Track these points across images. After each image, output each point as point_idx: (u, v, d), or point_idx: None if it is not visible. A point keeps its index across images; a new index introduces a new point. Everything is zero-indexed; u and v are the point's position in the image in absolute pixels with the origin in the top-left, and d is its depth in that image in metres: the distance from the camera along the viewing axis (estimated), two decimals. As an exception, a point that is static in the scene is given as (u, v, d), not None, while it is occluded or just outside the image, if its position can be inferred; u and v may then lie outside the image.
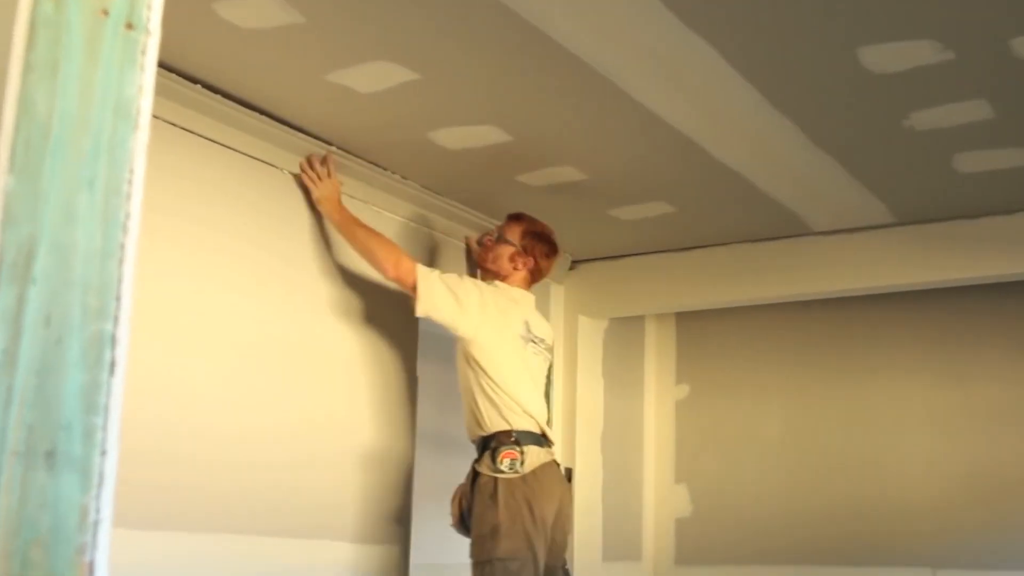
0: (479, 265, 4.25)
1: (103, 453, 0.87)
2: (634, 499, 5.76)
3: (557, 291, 5.44)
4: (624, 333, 5.76)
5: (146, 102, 0.96)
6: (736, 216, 4.72)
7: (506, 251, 4.05)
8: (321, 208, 3.90)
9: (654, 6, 3.01)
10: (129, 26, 0.97)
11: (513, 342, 3.87)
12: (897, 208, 4.57)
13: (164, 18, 1.02)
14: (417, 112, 3.69)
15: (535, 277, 4.11)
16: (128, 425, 0.98)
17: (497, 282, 4.02)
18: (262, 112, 3.71)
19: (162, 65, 3.27)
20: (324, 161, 3.91)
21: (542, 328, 4.05)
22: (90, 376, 0.87)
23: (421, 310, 3.77)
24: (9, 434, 0.81)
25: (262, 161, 3.80)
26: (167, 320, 3.43)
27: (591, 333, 5.50)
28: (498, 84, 3.47)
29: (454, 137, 3.89)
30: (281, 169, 3.87)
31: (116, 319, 0.90)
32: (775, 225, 4.81)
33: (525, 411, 3.77)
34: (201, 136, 3.59)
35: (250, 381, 3.70)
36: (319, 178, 3.89)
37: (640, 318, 5.89)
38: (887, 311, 5.42)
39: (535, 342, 3.96)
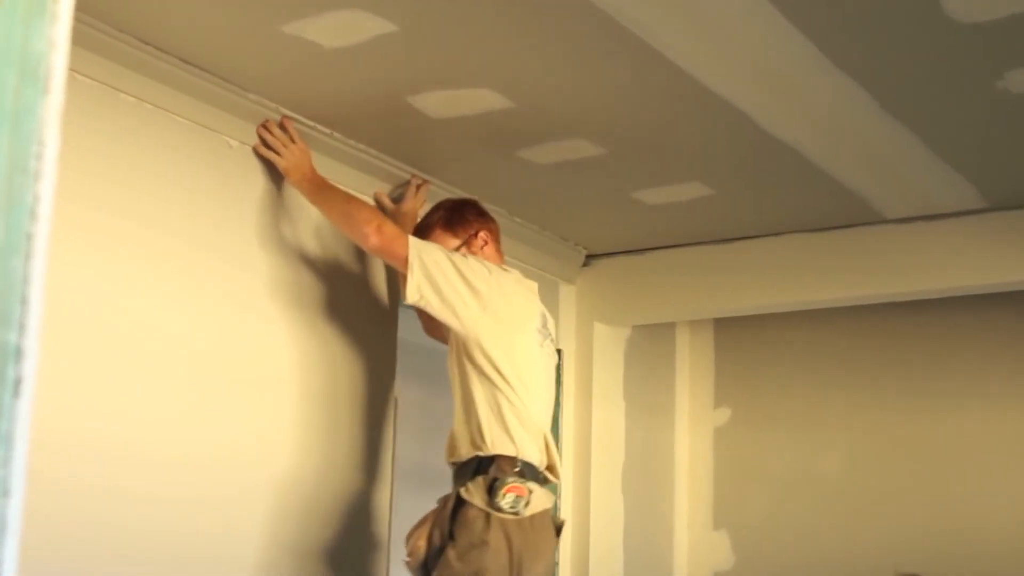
0: None
1: (5, 494, 0.86)
2: (663, 548, 5.76)
3: (567, 292, 5.44)
4: (650, 344, 5.76)
5: (59, 60, 0.96)
6: (789, 200, 4.72)
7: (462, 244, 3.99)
8: (291, 179, 3.92)
9: (688, -59, 3.01)
10: (38, -35, 0.96)
11: (531, 339, 3.76)
12: (989, 190, 4.56)
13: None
14: (395, 72, 3.69)
15: (500, 245, 4.09)
16: (37, 458, 0.98)
17: (505, 265, 3.95)
18: (204, 71, 3.71)
19: (82, 11, 3.27)
20: (283, 126, 3.93)
21: (551, 324, 3.98)
22: (-11, 399, 0.87)
23: (414, 294, 3.63)
24: None
25: (205, 127, 3.80)
26: (81, 327, 3.41)
27: (610, 344, 5.50)
28: (495, 38, 3.47)
29: (441, 103, 3.89)
30: (228, 140, 3.87)
31: (22, 328, 0.89)
32: (838, 211, 4.81)
33: (539, 431, 3.67)
34: (128, 95, 3.59)
35: (183, 403, 3.68)
36: (283, 145, 3.91)
37: (670, 326, 5.89)
38: (976, 317, 5.41)
39: (551, 339, 3.89)
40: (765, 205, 4.80)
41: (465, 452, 3.67)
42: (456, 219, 3.97)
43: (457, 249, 3.85)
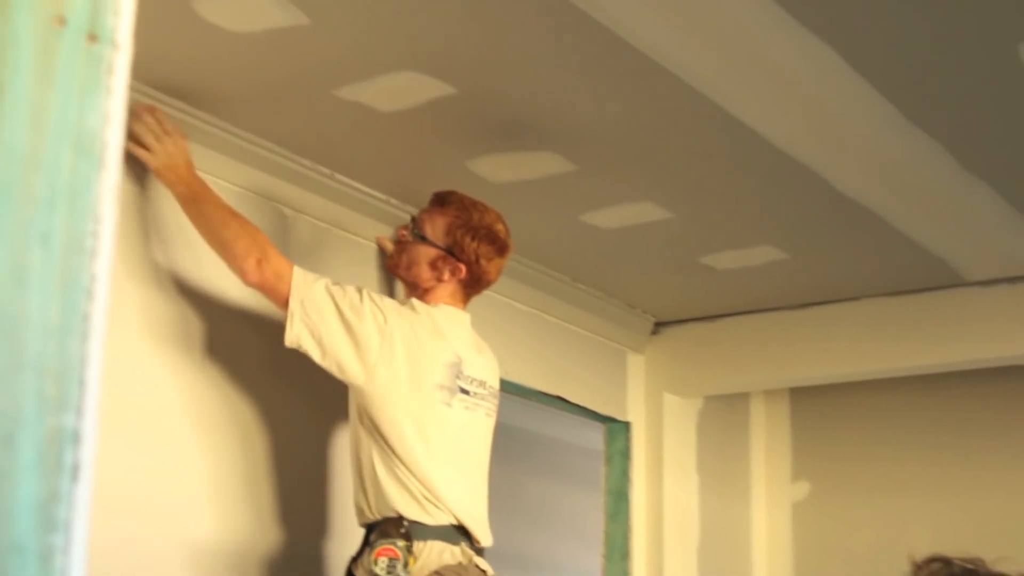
0: (391, 272, 3.78)
1: (64, 583, 0.87)
2: (740, 632, 5.70)
3: (635, 362, 5.43)
4: (724, 415, 5.73)
5: (114, 134, 0.98)
6: (866, 263, 4.70)
7: (426, 254, 3.60)
8: (164, 181, 3.42)
9: (756, -4, 3.02)
10: (92, 38, 0.98)
11: (430, 396, 3.41)
12: (1077, 249, 4.53)
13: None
14: (453, 136, 3.71)
15: (472, 289, 3.66)
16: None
17: (415, 301, 3.55)
18: (255, 135, 3.75)
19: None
20: (153, 113, 3.42)
21: (482, 367, 3.60)
22: (47, 484, 0.87)
23: (292, 337, 3.32)
24: (-55, 560, 0.82)
25: (258, 195, 3.81)
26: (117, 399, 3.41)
27: (681, 416, 5.47)
28: (559, 99, 3.48)
29: (501, 166, 3.90)
30: (282, 208, 3.90)
31: (79, 410, 0.90)
32: (918, 274, 4.78)
33: (435, 497, 3.35)
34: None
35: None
36: (155, 138, 3.38)
37: (744, 396, 5.86)
38: (1067, 383, 5.35)
39: (468, 392, 3.51)
40: (841, 269, 4.77)
41: (360, 518, 3.45)
42: (464, 238, 3.58)
43: (434, 262, 3.58)
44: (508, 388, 4.79)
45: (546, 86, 3.41)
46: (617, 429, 5.37)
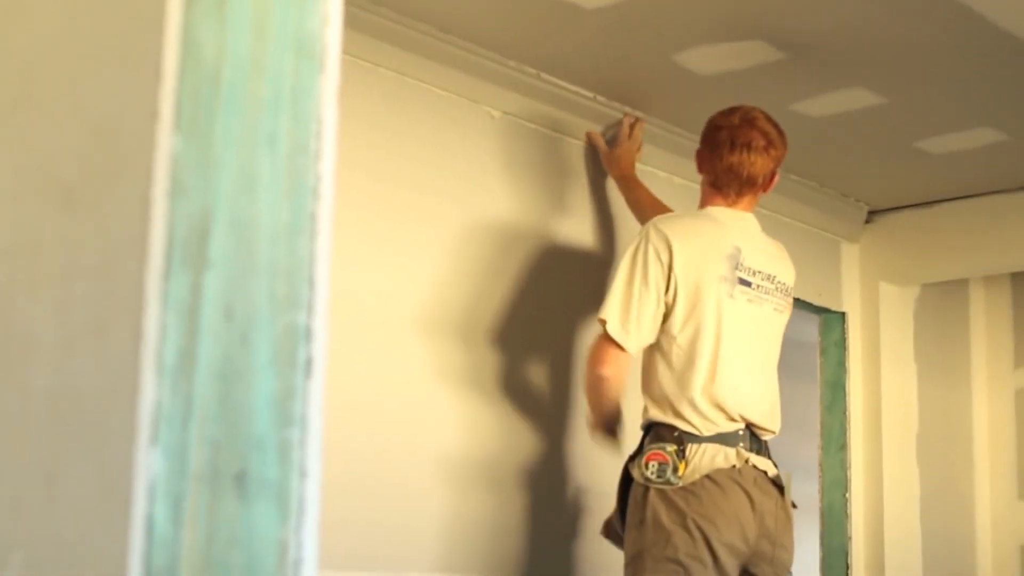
0: None
1: (303, 475, 0.90)
2: (964, 521, 5.63)
3: (849, 251, 5.36)
4: (942, 303, 5.63)
5: (333, 36, 0.99)
6: (1090, 141, 4.56)
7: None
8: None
9: None
10: (308, -58, 0.99)
11: (715, 288, 3.44)
12: None
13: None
14: (659, 30, 3.69)
15: (730, 185, 3.56)
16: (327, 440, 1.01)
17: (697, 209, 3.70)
18: (462, 39, 3.77)
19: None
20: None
21: (768, 260, 3.61)
22: (283, 380, 0.90)
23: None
24: (191, 454, 0.85)
25: (467, 98, 3.87)
26: (359, 306, 3.53)
27: (897, 304, 5.40)
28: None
29: (708, 58, 3.87)
30: (490, 111, 3.94)
31: (310, 308, 0.92)
32: None
33: (712, 396, 3.39)
34: (388, 69, 3.69)
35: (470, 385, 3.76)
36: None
37: (963, 282, 5.74)
38: None
39: (748, 283, 3.51)
40: (1064, 148, 4.64)
41: (641, 423, 3.51)
42: (701, 139, 3.66)
43: (699, 167, 3.65)
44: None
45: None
46: (832, 320, 5.31)
